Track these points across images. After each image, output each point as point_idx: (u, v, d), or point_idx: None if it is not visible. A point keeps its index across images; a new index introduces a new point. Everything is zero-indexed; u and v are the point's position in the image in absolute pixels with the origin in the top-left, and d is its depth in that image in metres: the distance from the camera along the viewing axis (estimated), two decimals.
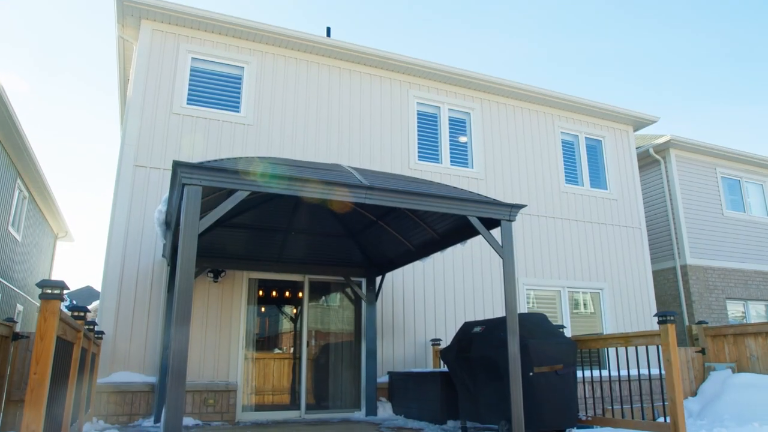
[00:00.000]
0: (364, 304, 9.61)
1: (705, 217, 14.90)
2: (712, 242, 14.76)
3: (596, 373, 7.45)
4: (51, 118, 77.44)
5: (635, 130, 13.79)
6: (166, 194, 6.15)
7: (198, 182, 4.76)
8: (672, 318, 5.61)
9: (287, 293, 9.92)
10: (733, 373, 10.92)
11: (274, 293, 9.84)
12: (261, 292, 9.56)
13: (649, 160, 15.28)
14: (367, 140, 10.50)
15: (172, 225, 6.47)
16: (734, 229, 15.32)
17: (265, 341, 9.69)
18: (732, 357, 11.51)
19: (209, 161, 5.12)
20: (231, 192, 5.05)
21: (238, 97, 9.83)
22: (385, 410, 9.00)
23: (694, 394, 11.30)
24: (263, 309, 9.76)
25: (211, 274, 8.83)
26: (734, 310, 14.75)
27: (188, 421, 7.93)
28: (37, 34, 77.29)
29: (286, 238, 8.97)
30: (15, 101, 49.53)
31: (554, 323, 6.97)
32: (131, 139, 8.89)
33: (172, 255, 7.36)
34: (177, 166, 4.78)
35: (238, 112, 9.73)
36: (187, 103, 9.40)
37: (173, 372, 4.35)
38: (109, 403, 7.79)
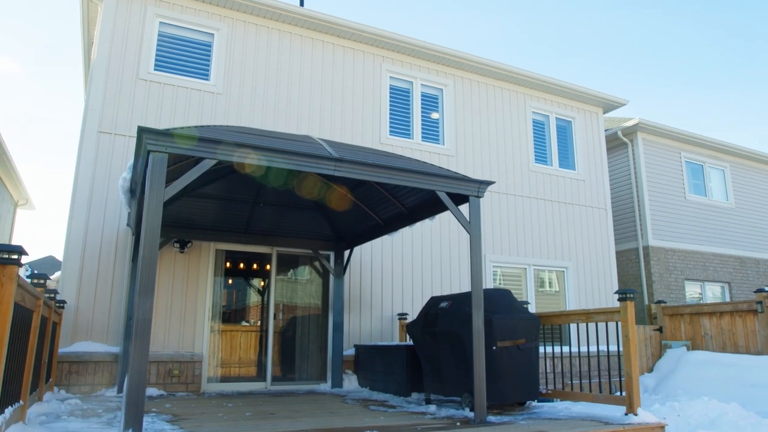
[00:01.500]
0: (332, 278, 9.62)
1: (668, 200, 15.26)
2: (674, 225, 15.15)
3: (558, 349, 7.64)
4: (11, 82, 74.70)
5: (605, 113, 13.96)
6: (131, 161, 6.00)
7: (164, 149, 4.65)
8: (631, 295, 5.76)
9: (255, 265, 9.85)
10: (688, 351, 11.33)
11: (241, 265, 9.77)
12: (228, 264, 9.48)
13: (617, 143, 15.52)
14: (338, 113, 10.41)
15: (137, 193, 6.34)
16: (695, 212, 15.74)
17: (232, 313, 9.64)
18: (688, 335, 11.92)
19: (176, 128, 5.01)
20: (198, 161, 4.96)
21: (208, 65, 9.61)
22: (350, 382, 9.09)
23: (651, 370, 11.70)
24: (230, 281, 9.69)
25: (177, 245, 8.71)
26: (692, 291, 15.23)
27: (152, 391, 7.89)
28: None
29: (254, 210, 8.89)
30: None
31: (519, 300, 7.08)
32: (95, 105, 8.63)
33: (137, 224, 7.22)
34: (142, 132, 4.66)
35: (207, 80, 9.52)
36: (155, 69, 9.16)
37: (136, 341, 4.29)
38: (71, 372, 7.68)
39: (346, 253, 9.57)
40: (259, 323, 9.67)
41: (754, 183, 17.44)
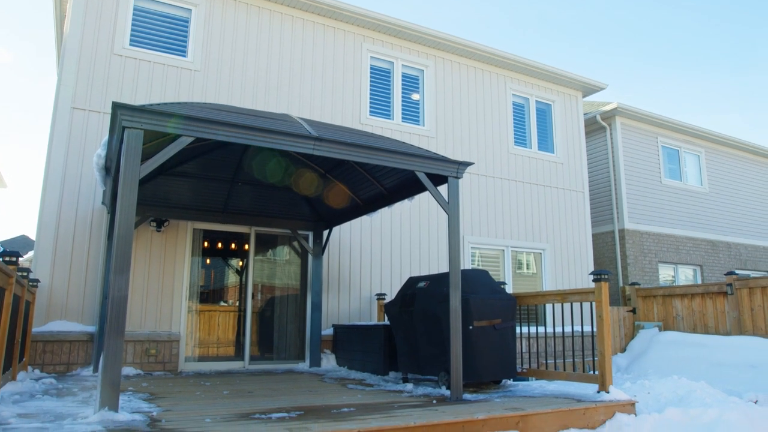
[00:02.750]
0: (310, 258, 9.62)
1: (644, 184, 15.47)
2: (650, 208, 15.39)
3: (534, 329, 7.76)
4: None
5: (584, 96, 14.04)
6: (106, 138, 5.90)
7: (139, 125, 4.57)
8: (606, 277, 5.85)
9: (233, 245, 9.80)
10: (660, 331, 11.60)
11: (219, 245, 9.71)
12: (206, 244, 9.42)
13: (596, 127, 15.65)
14: (318, 93, 10.32)
15: (112, 170, 6.24)
16: (671, 196, 15.99)
17: (210, 293, 9.60)
18: (660, 316, 12.19)
19: (152, 104, 4.92)
20: (175, 138, 4.89)
21: (185, 42, 9.43)
22: (328, 362, 9.14)
23: (624, 350, 11.96)
24: (208, 261, 9.63)
25: (154, 224, 8.62)
26: (665, 274, 15.54)
27: (129, 370, 7.84)
28: None
29: (233, 189, 8.82)
30: None
31: (497, 281, 7.16)
32: (69, 80, 8.44)
33: (112, 202, 7.12)
34: (117, 107, 4.57)
35: (184, 57, 9.35)
36: (130, 44, 8.96)
37: (112, 320, 4.26)
38: (45, 352, 7.60)
39: (325, 233, 9.56)
40: (237, 303, 9.64)
41: (727, 168, 17.76)
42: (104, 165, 6.48)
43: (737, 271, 13.52)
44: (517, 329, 7.45)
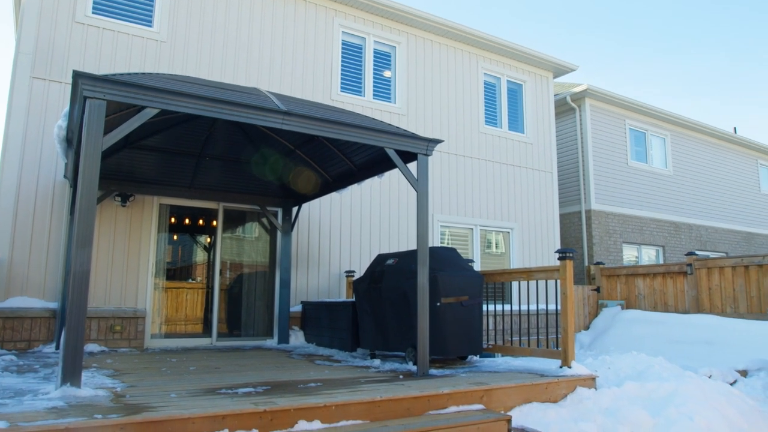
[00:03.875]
0: (279, 234, 9.56)
1: (611, 165, 15.73)
2: (616, 190, 15.67)
3: (501, 307, 7.89)
4: None
5: (555, 77, 14.14)
6: (67, 108, 5.72)
7: (101, 96, 4.43)
8: (571, 255, 5.96)
9: (201, 221, 9.68)
10: (622, 310, 11.90)
11: (186, 221, 9.58)
12: (173, 219, 9.28)
13: (565, 108, 15.80)
14: (288, 67, 10.16)
15: (74, 143, 6.06)
16: (636, 178, 16.30)
17: (177, 270, 9.49)
18: (623, 295, 12.50)
19: (115, 74, 4.78)
20: (139, 109, 4.76)
21: (151, 11, 9.16)
22: (297, 338, 9.15)
23: (587, 328, 12.25)
24: (175, 237, 9.50)
25: (119, 198, 8.44)
26: (629, 254, 15.90)
27: (93, 347, 7.73)
28: None
29: (200, 164, 8.68)
30: None
31: (465, 258, 7.23)
32: (27, 48, 8.13)
33: (75, 175, 6.93)
34: (78, 76, 4.43)
35: (150, 27, 9.08)
36: (93, 12, 8.66)
37: (74, 293, 4.17)
38: (5, 328, 7.44)
39: (294, 209, 9.50)
40: (204, 280, 9.55)
41: (691, 152, 18.15)
42: (66, 137, 6.29)
43: (697, 252, 13.92)
44: (485, 307, 7.56)
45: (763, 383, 7.37)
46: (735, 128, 21.36)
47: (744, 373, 7.69)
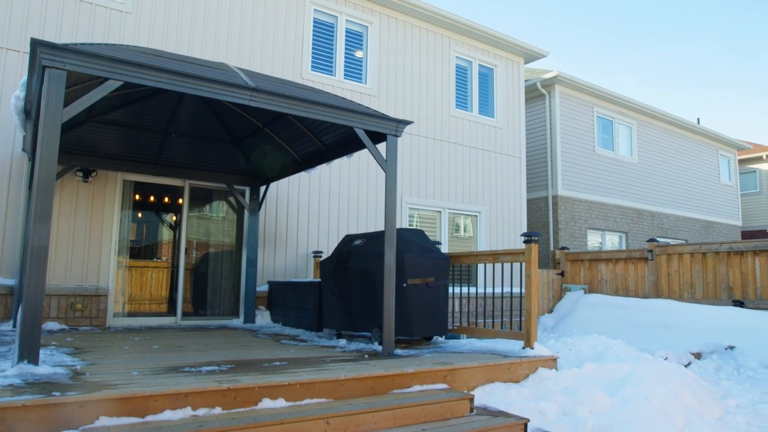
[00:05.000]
0: (246, 214, 9.46)
1: (579, 152, 15.96)
2: (582, 176, 15.92)
3: (467, 290, 7.98)
4: None
5: (526, 63, 14.21)
6: (25, 78, 5.51)
7: (62, 66, 4.28)
8: (536, 238, 6.04)
9: (166, 199, 9.50)
10: (585, 294, 12.17)
11: (151, 198, 9.40)
12: (137, 197, 9.09)
13: (536, 94, 15.92)
14: (258, 44, 9.97)
15: (32, 114, 5.86)
16: (602, 165, 16.59)
17: (141, 249, 9.32)
18: (586, 279, 12.77)
19: (77, 43, 4.62)
20: (102, 81, 4.62)
21: None
22: (263, 318, 9.11)
23: (551, 311, 12.50)
24: (140, 214, 9.32)
25: (81, 173, 8.22)
26: (593, 240, 16.22)
27: (53, 325, 7.55)
28: None
29: (166, 140, 8.49)
30: None
31: (432, 240, 7.27)
32: None
33: (33, 147, 6.72)
34: (37, 45, 4.26)
35: None
36: None
37: (32, 269, 4.06)
38: None
39: (262, 188, 9.40)
40: (170, 258, 9.41)
41: (656, 141, 18.53)
42: (24, 108, 6.08)
43: (659, 239, 14.30)
44: (451, 289, 7.63)
45: (715, 365, 7.64)
46: (698, 119, 21.88)
47: (698, 356, 7.96)
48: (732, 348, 8.31)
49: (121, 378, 3.99)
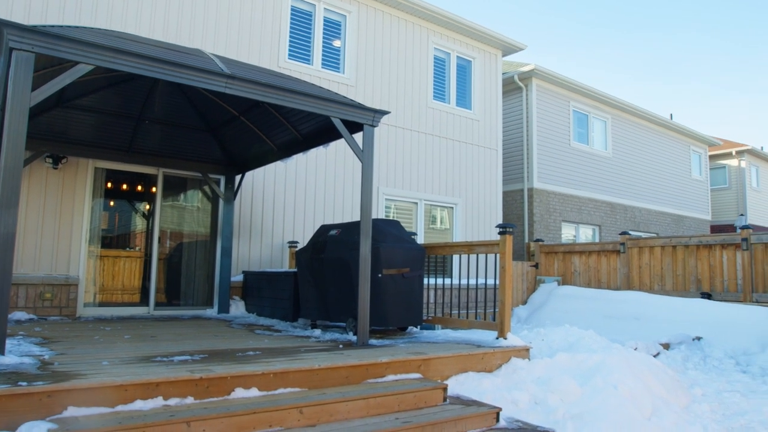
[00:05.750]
0: (221, 203, 9.36)
1: (554, 145, 16.11)
2: (557, 169, 16.09)
3: (442, 281, 8.02)
4: None
5: (504, 56, 14.27)
6: None
7: (29, 48, 4.17)
8: (511, 230, 6.09)
9: (139, 187, 9.35)
10: (559, 285, 12.33)
11: (124, 186, 9.23)
12: (109, 185, 8.93)
13: (513, 87, 16.01)
14: (234, 31, 9.83)
15: None
16: (577, 159, 16.78)
17: (114, 237, 9.16)
18: (560, 271, 12.93)
19: (47, 25, 4.50)
20: (72, 66, 4.51)
21: None
22: (237, 308, 9.05)
23: (525, 302, 12.65)
24: (112, 203, 9.15)
25: (50, 160, 8.04)
26: (567, 232, 16.43)
27: (21, 315, 7.40)
28: None
29: (139, 127, 8.35)
30: None
31: (408, 231, 7.28)
32: None
33: (0, 133, 6.55)
34: (3, 26, 4.14)
35: None
36: None
37: None
38: None
39: (238, 177, 9.31)
40: (143, 247, 9.28)
41: (629, 135, 18.80)
42: None
43: (631, 232, 14.53)
44: (427, 280, 7.67)
45: (683, 355, 7.82)
46: (671, 115, 22.25)
47: (666, 346, 8.13)
48: (699, 339, 8.51)
49: (91, 368, 3.93)
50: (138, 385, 3.57)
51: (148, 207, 9.39)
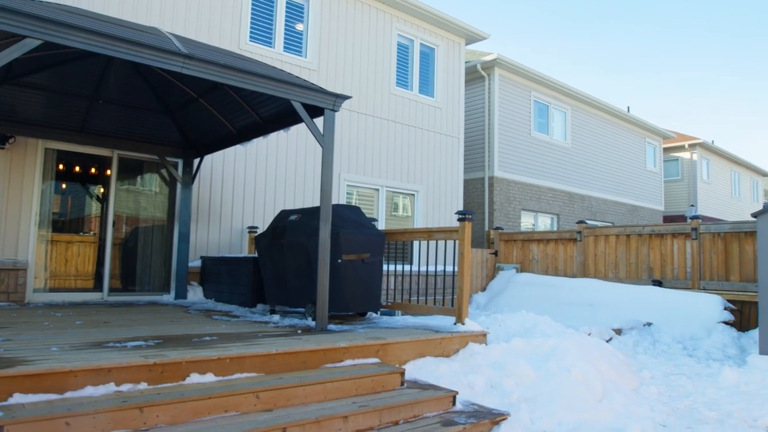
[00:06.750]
0: (179, 187, 9.16)
1: (515, 135, 16.31)
2: (518, 158, 16.31)
3: (402, 267, 8.05)
4: None
5: (467, 44, 14.32)
6: None
7: None
8: (470, 217, 6.15)
9: (93, 170, 9.08)
10: (517, 273, 12.53)
11: (77, 168, 8.95)
12: (61, 166, 8.63)
13: (475, 76, 16.10)
14: (194, 11, 9.57)
15: None
16: (537, 148, 17.03)
17: (67, 222, 8.89)
18: (519, 259, 13.15)
19: None
20: (20, 40, 4.32)
21: None
22: (195, 294, 8.91)
23: (484, 289, 12.83)
24: (64, 185, 8.87)
25: None
26: (526, 221, 16.70)
27: None
28: None
29: (93, 107, 8.08)
30: None
31: (369, 217, 7.28)
32: None
33: None
34: None
35: None
36: None
37: None
38: None
39: (196, 161, 9.11)
40: (97, 232, 9.03)
41: (588, 126, 19.18)
42: None
43: (588, 221, 14.86)
44: (388, 267, 7.69)
45: (634, 340, 8.07)
46: (628, 107, 22.76)
47: (619, 332, 8.37)
48: (650, 324, 8.79)
49: (39, 354, 3.81)
50: (88, 371, 3.49)
51: (102, 190, 9.13)
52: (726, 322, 8.63)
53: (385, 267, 8.30)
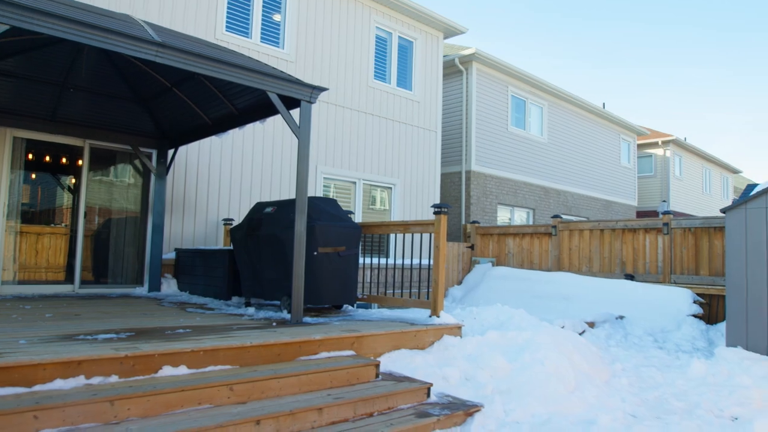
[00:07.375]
0: (153, 178, 9.02)
1: (492, 129, 16.39)
2: (495, 153, 16.40)
3: (378, 260, 8.05)
4: None
5: (445, 38, 14.33)
6: None
7: None
8: (446, 210, 6.16)
9: (64, 159, 8.89)
10: (493, 266, 12.64)
11: (47, 158, 8.76)
12: (31, 156, 8.45)
13: (453, 70, 16.13)
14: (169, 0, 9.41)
15: None
16: (514, 143, 17.15)
17: (36, 213, 8.70)
18: (495, 253, 13.25)
19: None
20: None
21: None
22: (169, 286, 8.80)
23: (460, 283, 12.91)
24: (34, 176, 8.68)
25: None
26: (503, 215, 16.83)
27: None
28: None
29: (63, 95, 7.91)
30: None
31: (345, 210, 7.25)
32: None
33: None
34: None
35: None
36: None
37: None
38: None
39: (170, 152, 8.98)
40: (68, 223, 8.85)
41: (564, 122, 19.36)
42: None
43: (563, 216, 15.05)
44: (364, 260, 7.69)
45: (606, 333, 8.20)
46: (604, 103, 23.04)
47: (592, 325, 8.50)
48: (622, 318, 8.94)
49: (6, 347, 3.73)
50: (58, 363, 3.43)
51: (74, 181, 8.95)
52: (695, 315, 8.82)
53: (361, 260, 8.30)
